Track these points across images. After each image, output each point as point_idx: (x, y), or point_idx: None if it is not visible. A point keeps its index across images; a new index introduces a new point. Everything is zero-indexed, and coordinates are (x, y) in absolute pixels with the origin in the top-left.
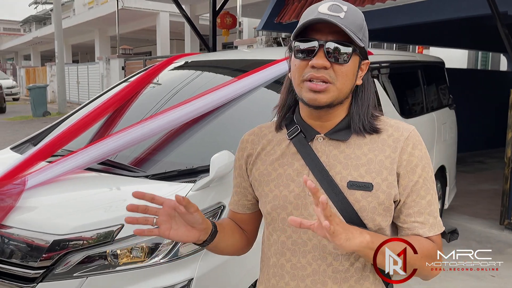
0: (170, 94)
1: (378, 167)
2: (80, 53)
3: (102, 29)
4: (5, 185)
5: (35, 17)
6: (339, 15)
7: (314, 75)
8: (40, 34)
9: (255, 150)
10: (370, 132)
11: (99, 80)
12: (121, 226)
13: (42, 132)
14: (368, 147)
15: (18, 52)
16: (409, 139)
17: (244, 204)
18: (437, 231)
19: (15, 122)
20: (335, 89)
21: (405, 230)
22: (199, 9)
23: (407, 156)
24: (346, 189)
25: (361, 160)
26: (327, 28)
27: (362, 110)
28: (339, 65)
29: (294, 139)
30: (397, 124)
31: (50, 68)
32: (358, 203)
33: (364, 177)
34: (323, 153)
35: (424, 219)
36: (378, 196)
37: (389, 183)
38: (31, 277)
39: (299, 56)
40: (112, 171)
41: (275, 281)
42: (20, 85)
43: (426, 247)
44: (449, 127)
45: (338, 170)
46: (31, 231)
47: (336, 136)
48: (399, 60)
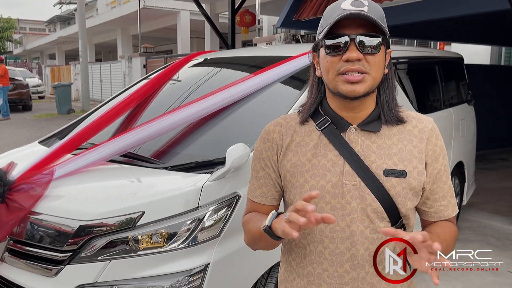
0: (189, 90)
1: (409, 156)
2: (103, 52)
3: (124, 28)
4: (35, 175)
5: (59, 17)
6: (363, 9)
7: (349, 68)
8: (64, 34)
9: (285, 141)
10: (397, 122)
11: (121, 78)
12: (141, 213)
13: (68, 127)
14: (397, 138)
15: (44, 52)
16: (432, 130)
17: (273, 195)
18: (457, 210)
19: (41, 119)
20: (371, 78)
21: (431, 214)
22: (219, 7)
23: (432, 146)
24: (382, 176)
25: (392, 150)
26: (354, 23)
27: (390, 98)
28: (372, 56)
29: (325, 130)
30: (418, 116)
31: (74, 67)
32: (394, 189)
33: (398, 165)
34: (356, 143)
35: (447, 202)
36: (411, 182)
37: (419, 171)
38: (59, 259)
39: (331, 53)
40: (133, 162)
41: (312, 268)
42: (45, 83)
43: (455, 230)
44: (468, 123)
45: (373, 159)
46: (59, 217)
47: (368, 127)
48: (416, 56)
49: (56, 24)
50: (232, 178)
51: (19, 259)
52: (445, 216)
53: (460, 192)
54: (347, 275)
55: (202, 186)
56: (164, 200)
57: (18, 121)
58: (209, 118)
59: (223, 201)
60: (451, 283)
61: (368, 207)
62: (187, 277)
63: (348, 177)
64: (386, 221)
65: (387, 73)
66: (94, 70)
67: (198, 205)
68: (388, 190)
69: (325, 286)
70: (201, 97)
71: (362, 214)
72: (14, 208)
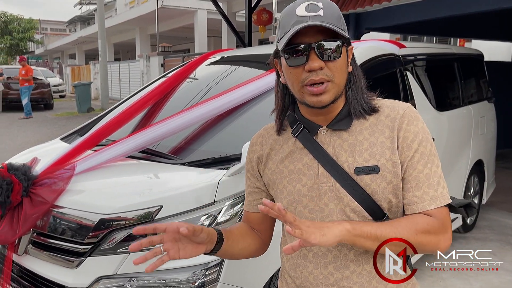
0: (206, 88)
1: (381, 149)
2: (122, 51)
3: (143, 27)
4: (57, 170)
5: (79, 18)
6: (319, 13)
7: (313, 80)
8: (84, 34)
9: (265, 151)
10: (370, 113)
11: (140, 77)
12: (159, 208)
13: (88, 124)
14: (369, 131)
15: (64, 51)
16: (404, 116)
17: (259, 203)
18: (439, 203)
19: (62, 117)
20: (335, 85)
21: (405, 206)
22: (236, 6)
23: (403, 133)
24: (354, 175)
25: (363, 145)
26: (311, 30)
27: (358, 93)
28: (333, 62)
29: (299, 136)
30: (393, 104)
31: (94, 66)
32: (369, 186)
33: (369, 160)
34: (328, 144)
35: (423, 193)
36: (386, 176)
37: (393, 162)
38: (80, 251)
39: (292, 64)
40: (151, 158)
41: (299, 271)
42: (66, 82)
43: (421, 222)
44: (488, 121)
45: (345, 159)
46: (81, 211)
47: (338, 126)
48: (433, 52)
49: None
50: None
51: (42, 251)
52: (419, 208)
53: (480, 190)
54: (332, 277)
55: (218, 182)
56: (181, 194)
57: (40, 120)
58: (225, 115)
59: (239, 196)
60: (470, 282)
61: (346, 207)
62: (204, 270)
63: (323, 179)
64: (369, 219)
65: (352, 69)
66: (113, 69)
67: (215, 200)
68: (364, 188)
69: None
70: (218, 94)
71: (342, 215)
72: (37, 202)
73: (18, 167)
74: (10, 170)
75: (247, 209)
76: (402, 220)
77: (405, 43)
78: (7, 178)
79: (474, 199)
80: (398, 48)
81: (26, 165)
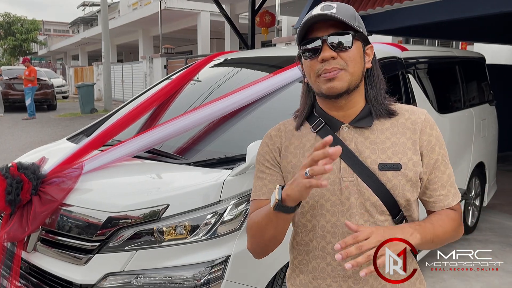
0: (210, 89)
1: (403, 148)
2: (125, 53)
3: (146, 29)
4: (65, 169)
5: (82, 19)
6: (331, 11)
7: (326, 69)
8: (87, 35)
9: (284, 143)
10: (389, 115)
11: (143, 79)
12: (166, 206)
13: (94, 125)
14: (390, 132)
15: (67, 53)
16: (426, 120)
17: None
18: (458, 198)
19: (65, 118)
20: (348, 74)
21: (431, 204)
22: (239, 8)
23: (427, 137)
24: (377, 171)
25: (386, 144)
26: (324, 25)
27: (378, 92)
28: (345, 52)
29: (320, 132)
30: (411, 108)
31: (97, 67)
32: (390, 182)
33: (392, 158)
34: (350, 140)
35: (447, 191)
36: (407, 174)
37: (414, 162)
38: (88, 249)
39: (307, 56)
40: (158, 158)
41: (316, 264)
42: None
43: (455, 217)
44: (489, 124)
45: (367, 155)
46: (89, 209)
47: (360, 123)
48: (435, 55)
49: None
50: (252, 173)
51: (50, 248)
52: (445, 205)
53: (481, 193)
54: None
55: (223, 181)
56: (187, 194)
57: (44, 120)
58: (230, 116)
59: (243, 195)
60: (470, 283)
61: (367, 201)
62: (209, 268)
63: (345, 174)
64: (386, 214)
65: (372, 67)
66: (116, 70)
67: (220, 199)
68: (384, 184)
69: (330, 280)
70: (222, 96)
71: (361, 209)
72: (46, 200)
73: (27, 166)
74: (20, 169)
75: (267, 197)
76: (443, 217)
77: (408, 46)
78: (17, 177)
79: (476, 201)
80: (400, 51)
81: (35, 164)
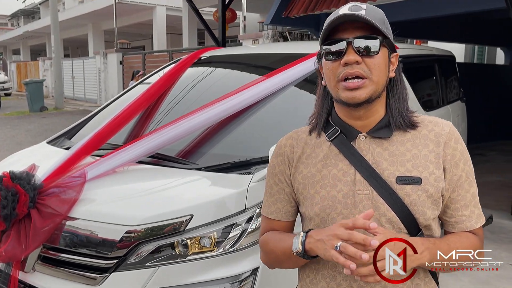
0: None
1: (424, 162)
2: (71, 48)
3: (96, 23)
4: (62, 178)
5: (23, 11)
6: (360, 12)
7: (348, 72)
8: (31, 28)
9: (296, 154)
10: (410, 126)
11: (96, 75)
12: (190, 217)
13: (75, 127)
14: (411, 143)
15: (7, 47)
16: (451, 133)
17: (288, 211)
18: (482, 221)
19: (13, 117)
20: (372, 83)
21: (452, 224)
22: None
23: (451, 151)
24: (395, 184)
25: (406, 156)
26: (351, 27)
27: (400, 103)
28: (370, 58)
29: (334, 140)
30: (435, 119)
31: (43, 62)
32: (409, 197)
33: (412, 171)
34: (367, 151)
35: (470, 212)
36: (427, 189)
37: (436, 177)
38: (104, 267)
39: (330, 58)
40: (162, 163)
41: (325, 283)
42: (11, 80)
43: (475, 242)
44: (461, 120)
45: (385, 167)
46: (101, 223)
47: (379, 134)
48: (419, 54)
49: (19, 18)
50: None
51: (55, 268)
52: (467, 227)
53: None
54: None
55: (247, 188)
56: (212, 202)
57: None
58: (235, 117)
59: None
60: (458, 278)
61: (382, 217)
62: (238, 283)
63: (359, 186)
64: (404, 232)
65: (395, 77)
66: (65, 66)
67: (245, 207)
68: (402, 199)
69: None
70: (225, 95)
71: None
72: (47, 214)
73: (21, 176)
74: (14, 179)
75: (274, 217)
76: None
77: (397, 44)
78: (12, 188)
79: None
80: None
81: (30, 173)
